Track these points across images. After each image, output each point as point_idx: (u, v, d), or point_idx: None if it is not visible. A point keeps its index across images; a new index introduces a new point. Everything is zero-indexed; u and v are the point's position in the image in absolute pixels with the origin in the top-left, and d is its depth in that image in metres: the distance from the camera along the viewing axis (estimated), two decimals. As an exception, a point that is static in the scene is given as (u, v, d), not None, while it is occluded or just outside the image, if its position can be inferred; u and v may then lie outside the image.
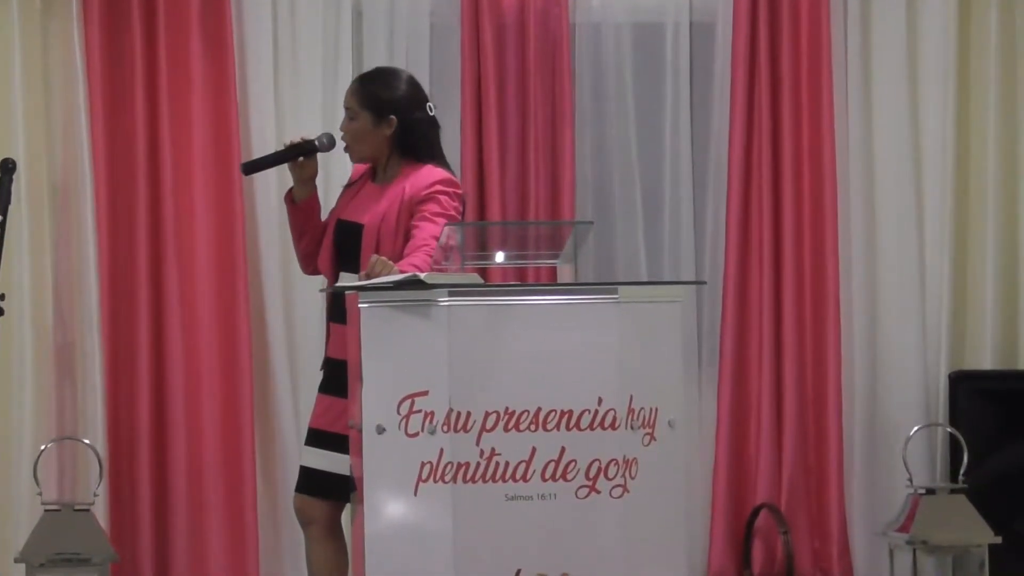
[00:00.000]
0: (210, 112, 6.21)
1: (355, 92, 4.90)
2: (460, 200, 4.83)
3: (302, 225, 4.98)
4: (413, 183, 4.80)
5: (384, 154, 4.88)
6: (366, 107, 4.85)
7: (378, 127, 4.85)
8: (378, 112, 4.85)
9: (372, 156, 4.90)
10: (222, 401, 6.17)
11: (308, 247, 4.99)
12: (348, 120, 4.89)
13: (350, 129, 4.89)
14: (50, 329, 6.11)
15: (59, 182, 6.15)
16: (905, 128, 6.46)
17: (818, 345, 6.41)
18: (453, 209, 4.76)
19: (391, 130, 4.85)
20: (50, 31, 6.15)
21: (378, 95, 4.86)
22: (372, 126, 4.86)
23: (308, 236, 4.98)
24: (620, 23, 6.44)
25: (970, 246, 6.49)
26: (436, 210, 4.73)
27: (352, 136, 4.89)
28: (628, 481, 4.25)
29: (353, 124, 4.88)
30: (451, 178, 4.84)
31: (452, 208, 4.76)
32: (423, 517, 4.18)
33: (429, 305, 4.21)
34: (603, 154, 6.45)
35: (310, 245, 4.99)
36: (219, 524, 6.15)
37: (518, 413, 4.20)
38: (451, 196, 4.78)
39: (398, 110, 4.85)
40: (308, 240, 4.98)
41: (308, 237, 4.98)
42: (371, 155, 4.90)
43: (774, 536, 6.35)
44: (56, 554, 5.54)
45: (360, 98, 4.87)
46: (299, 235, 5.00)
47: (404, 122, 4.84)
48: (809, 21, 6.41)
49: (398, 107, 4.85)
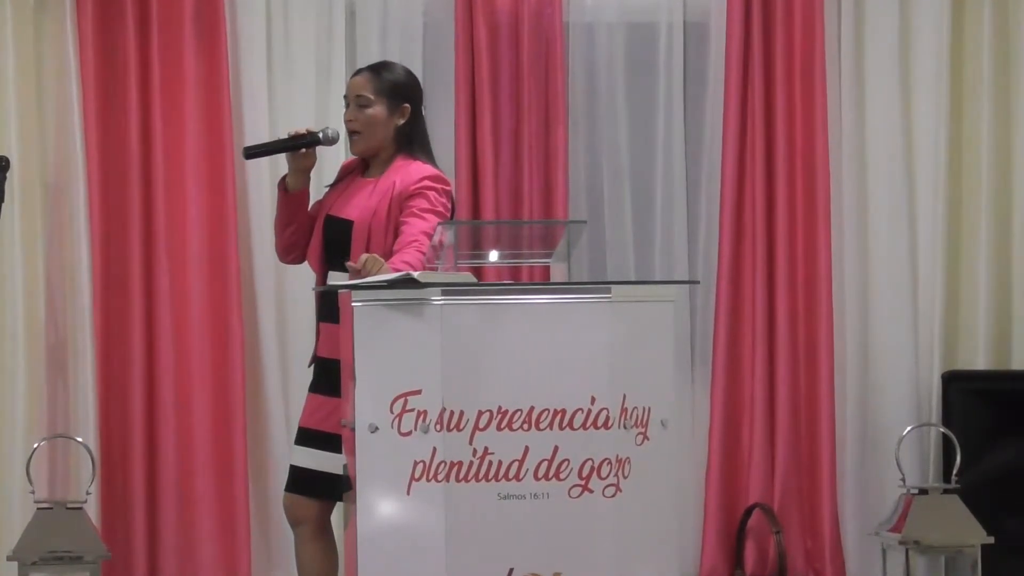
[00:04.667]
0: (203, 109, 6.20)
1: (370, 80, 4.87)
2: (449, 197, 4.83)
3: (290, 215, 4.96)
4: (403, 178, 4.80)
5: (387, 146, 4.89)
6: (383, 95, 4.85)
7: (392, 116, 4.86)
8: (394, 100, 4.86)
9: (378, 146, 4.89)
10: (214, 399, 6.17)
11: (291, 238, 4.99)
12: (359, 108, 4.86)
13: (362, 117, 4.86)
14: (42, 327, 6.10)
15: (51, 179, 6.14)
16: (898, 128, 6.46)
17: (811, 345, 6.42)
18: (442, 206, 4.77)
19: (403, 120, 4.86)
20: (43, 27, 6.14)
21: (395, 83, 4.87)
22: (387, 114, 4.86)
23: (294, 226, 4.97)
24: (613, 22, 6.44)
25: (963, 246, 6.49)
26: (425, 206, 4.74)
27: (365, 124, 4.86)
28: (621, 480, 4.25)
29: (366, 112, 4.86)
30: (440, 175, 4.84)
31: (441, 205, 4.76)
32: (416, 516, 4.18)
33: (422, 304, 4.20)
34: (596, 154, 6.45)
35: (294, 236, 4.98)
36: (210, 522, 6.15)
37: (511, 412, 4.20)
38: (440, 192, 4.78)
39: (411, 100, 4.87)
40: (293, 231, 4.97)
41: (294, 228, 4.97)
42: (378, 145, 4.89)
43: (766, 536, 6.35)
44: (48, 552, 5.53)
45: (376, 86, 4.86)
46: (285, 224, 4.98)
47: (413, 113, 4.87)
48: (802, 21, 6.41)
49: (411, 97, 4.88)
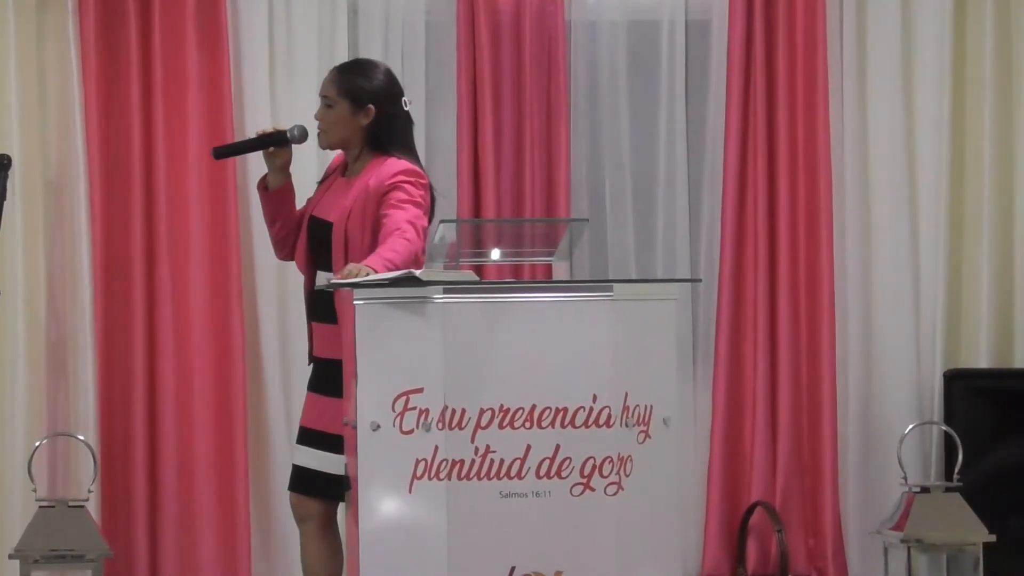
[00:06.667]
0: (205, 108, 6.20)
1: (333, 80, 4.92)
2: (427, 190, 4.83)
3: (273, 213, 5.00)
4: (377, 175, 4.81)
5: (356, 145, 4.91)
6: (344, 96, 4.88)
7: (355, 116, 4.88)
8: (356, 101, 4.87)
9: (341, 144, 4.92)
10: (215, 397, 6.16)
11: (279, 234, 5.01)
12: (324, 108, 4.91)
13: (326, 117, 4.90)
14: (43, 325, 6.10)
15: (53, 178, 6.14)
16: (900, 126, 6.45)
17: (813, 343, 6.41)
18: (420, 197, 4.77)
19: (368, 120, 4.87)
20: (45, 26, 6.14)
21: (357, 84, 4.88)
22: (349, 115, 4.88)
23: (280, 223, 5.00)
24: (616, 21, 6.43)
25: (965, 244, 6.48)
26: (403, 197, 4.75)
27: (328, 124, 4.90)
28: (623, 479, 4.25)
29: (330, 112, 4.90)
30: (414, 168, 4.84)
31: (418, 196, 4.77)
32: (418, 514, 4.18)
33: (424, 302, 4.20)
34: (598, 152, 6.45)
35: (281, 232, 5.01)
36: (211, 519, 6.14)
37: (513, 410, 4.20)
38: (415, 184, 4.79)
39: (376, 100, 4.88)
40: (279, 227, 5.00)
41: (280, 224, 5.00)
42: (340, 142, 4.92)
43: (768, 534, 6.35)
44: (50, 550, 5.54)
45: (339, 87, 4.89)
46: (271, 222, 5.01)
47: (380, 113, 4.87)
48: (805, 19, 6.40)
49: (376, 97, 4.88)
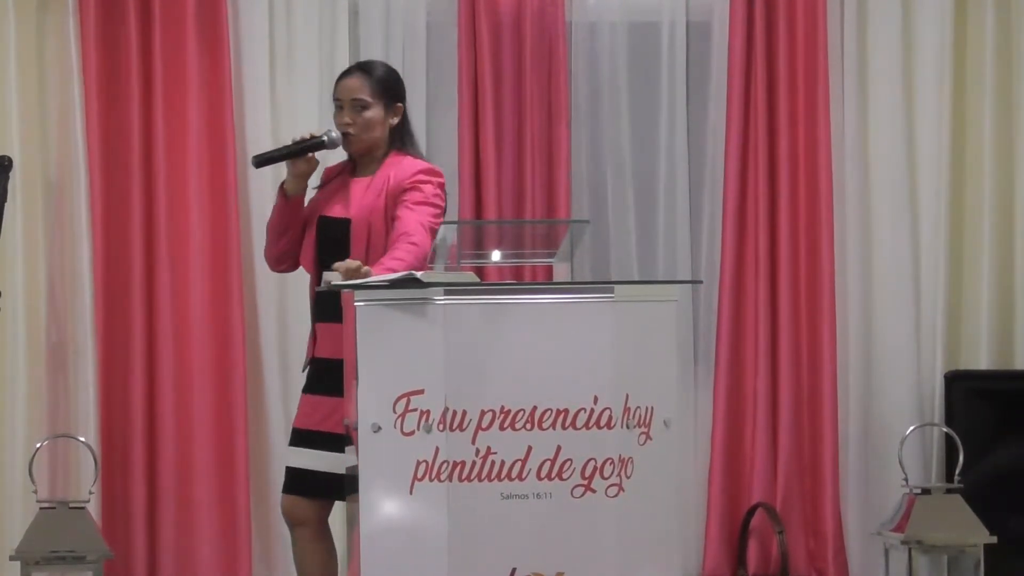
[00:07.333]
0: (205, 109, 6.20)
1: (366, 82, 4.89)
2: (443, 189, 4.85)
3: (287, 222, 4.93)
4: (397, 173, 4.82)
5: (383, 145, 4.91)
6: (380, 96, 4.88)
7: (387, 116, 4.90)
8: (389, 100, 4.90)
9: (375, 146, 4.91)
10: (215, 399, 6.17)
11: (285, 246, 4.96)
12: (357, 111, 4.87)
13: (361, 119, 4.87)
14: (44, 327, 6.10)
15: (53, 179, 6.14)
16: (901, 127, 6.45)
17: (814, 344, 6.41)
18: (436, 198, 4.79)
19: (397, 119, 4.90)
20: (46, 26, 6.14)
21: (389, 84, 4.91)
22: (383, 115, 4.89)
23: (290, 234, 4.95)
24: (616, 22, 6.44)
25: (965, 246, 6.49)
26: (419, 199, 4.75)
27: (364, 126, 4.87)
28: (623, 480, 4.24)
29: (365, 114, 4.87)
30: (434, 168, 4.87)
31: (434, 196, 4.78)
32: (418, 516, 4.18)
33: (425, 304, 4.20)
34: (599, 153, 6.45)
35: (287, 245, 4.96)
36: (211, 521, 6.15)
37: (514, 412, 4.20)
38: (434, 185, 4.81)
39: (402, 98, 4.93)
40: (288, 239, 4.95)
41: (289, 236, 4.95)
42: (375, 145, 4.91)
43: (769, 536, 6.35)
44: (51, 552, 5.53)
45: (372, 88, 4.88)
46: (282, 232, 4.95)
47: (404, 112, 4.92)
48: (805, 20, 6.40)
49: (402, 95, 4.93)
